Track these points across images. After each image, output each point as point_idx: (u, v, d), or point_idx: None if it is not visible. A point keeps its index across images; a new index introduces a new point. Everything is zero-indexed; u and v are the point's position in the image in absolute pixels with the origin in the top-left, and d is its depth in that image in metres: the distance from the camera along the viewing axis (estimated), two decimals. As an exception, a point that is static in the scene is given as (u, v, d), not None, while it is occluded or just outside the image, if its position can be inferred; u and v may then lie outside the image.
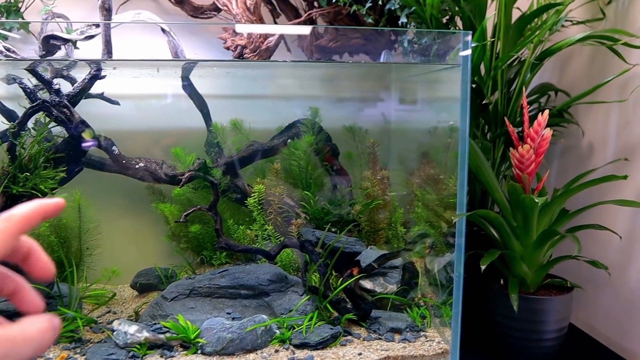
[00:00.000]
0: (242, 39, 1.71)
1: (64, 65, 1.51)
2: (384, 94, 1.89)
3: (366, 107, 1.91)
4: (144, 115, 1.79)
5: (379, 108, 1.90)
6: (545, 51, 1.49)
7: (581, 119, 1.71)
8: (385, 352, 1.40)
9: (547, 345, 1.42)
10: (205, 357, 1.36)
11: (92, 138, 1.58)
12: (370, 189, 1.67)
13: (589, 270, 1.56)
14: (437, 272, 1.56)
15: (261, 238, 1.63)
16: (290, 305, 1.50)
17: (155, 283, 1.69)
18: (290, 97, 1.91)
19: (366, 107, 1.91)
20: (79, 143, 1.44)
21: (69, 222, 1.64)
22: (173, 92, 1.76)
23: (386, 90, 1.87)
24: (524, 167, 1.36)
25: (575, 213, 1.42)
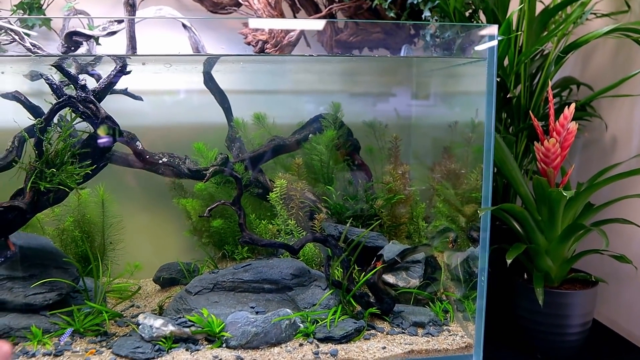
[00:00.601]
0: (263, 34, 1.72)
1: (89, 61, 1.52)
2: (405, 89, 1.88)
3: (386, 102, 1.90)
4: (165, 111, 1.79)
5: (399, 102, 1.90)
6: (572, 44, 1.48)
7: (604, 113, 1.70)
8: (409, 346, 1.40)
9: (572, 340, 1.42)
10: (230, 350, 1.37)
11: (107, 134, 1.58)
12: (392, 183, 1.67)
13: (611, 265, 1.55)
14: (460, 266, 1.56)
15: (284, 232, 1.63)
16: (313, 299, 1.51)
17: (177, 277, 1.70)
18: (311, 92, 1.91)
19: (386, 102, 1.90)
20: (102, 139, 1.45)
21: (93, 217, 1.65)
22: (194, 87, 1.77)
23: (407, 85, 1.87)
24: (550, 161, 1.35)
25: (600, 207, 1.42)
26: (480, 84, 1.47)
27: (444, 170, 1.69)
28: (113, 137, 1.47)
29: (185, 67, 1.76)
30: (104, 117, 1.41)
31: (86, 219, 1.63)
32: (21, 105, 1.53)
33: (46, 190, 1.40)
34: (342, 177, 1.71)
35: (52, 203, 1.44)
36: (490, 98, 1.32)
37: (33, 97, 1.62)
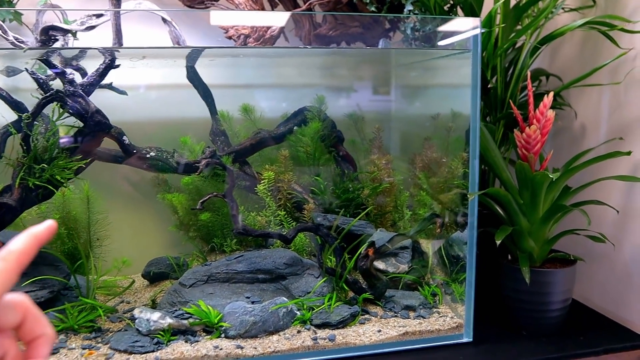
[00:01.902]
0: (245, 28, 1.73)
1: (72, 55, 1.50)
2: (384, 82, 1.93)
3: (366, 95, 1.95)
4: (148, 106, 1.78)
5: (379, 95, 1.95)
6: (547, 36, 1.56)
7: (573, 102, 1.80)
8: (403, 329, 1.45)
9: (554, 316, 1.50)
10: (230, 340, 1.39)
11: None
12: (377, 172, 1.71)
13: (584, 245, 1.64)
14: (446, 250, 1.62)
15: (274, 224, 1.65)
16: (307, 287, 1.54)
17: (167, 272, 1.70)
18: (292, 85, 1.93)
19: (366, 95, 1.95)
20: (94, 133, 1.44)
21: (78, 214, 1.63)
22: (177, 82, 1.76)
23: (386, 78, 1.92)
24: (531, 147, 1.42)
25: (577, 190, 1.50)
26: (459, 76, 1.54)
27: (425, 160, 1.75)
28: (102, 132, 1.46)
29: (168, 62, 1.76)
30: (94, 111, 1.40)
31: (71, 216, 1.60)
32: (3, 101, 1.49)
33: (35, 187, 1.37)
34: (328, 168, 1.74)
35: (41, 199, 1.42)
36: (475, 87, 1.38)
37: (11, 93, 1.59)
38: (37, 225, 0.50)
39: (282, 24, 1.80)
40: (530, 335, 1.50)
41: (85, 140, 1.43)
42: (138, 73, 1.76)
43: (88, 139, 1.43)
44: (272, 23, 1.74)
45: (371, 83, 1.94)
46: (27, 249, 0.48)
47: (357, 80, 1.93)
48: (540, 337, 1.49)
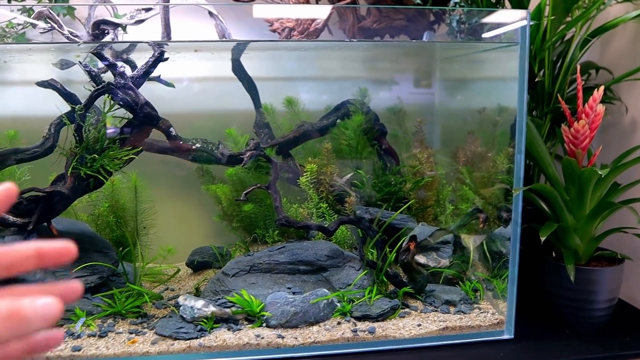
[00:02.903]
0: (290, 21, 1.74)
1: (123, 48, 1.54)
2: (428, 75, 1.92)
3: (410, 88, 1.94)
4: (194, 98, 1.82)
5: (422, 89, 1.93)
6: (599, 29, 1.52)
7: (624, 96, 1.75)
8: (443, 323, 1.44)
9: (599, 315, 1.47)
10: (271, 329, 1.41)
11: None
12: (419, 166, 1.71)
13: (632, 243, 1.60)
14: (488, 246, 1.60)
15: (316, 216, 1.67)
16: (348, 279, 1.55)
17: (210, 261, 1.74)
18: (335, 78, 1.94)
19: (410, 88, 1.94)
20: (139, 125, 1.48)
21: (126, 203, 1.68)
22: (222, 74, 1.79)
23: (431, 72, 1.90)
24: (579, 142, 1.39)
25: (627, 187, 1.46)
26: (505, 70, 1.52)
27: (469, 154, 1.73)
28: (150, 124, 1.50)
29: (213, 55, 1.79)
30: (143, 103, 1.44)
31: (120, 205, 1.65)
32: (57, 93, 1.54)
33: (85, 176, 1.42)
34: (371, 161, 1.75)
35: (92, 188, 1.47)
36: (523, 80, 1.36)
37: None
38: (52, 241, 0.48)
39: (324, 17, 1.81)
40: (574, 334, 1.47)
41: (135, 132, 1.47)
42: (185, 66, 1.80)
43: (137, 130, 1.47)
44: (316, 16, 1.75)
45: (415, 76, 1.93)
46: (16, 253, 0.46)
47: (401, 73, 1.93)
48: (584, 336, 1.46)
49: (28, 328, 0.42)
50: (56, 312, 0.43)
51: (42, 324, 0.42)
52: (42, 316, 0.42)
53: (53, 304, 0.43)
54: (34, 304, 0.42)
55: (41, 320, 0.42)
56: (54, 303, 0.43)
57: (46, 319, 0.42)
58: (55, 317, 0.43)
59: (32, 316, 0.42)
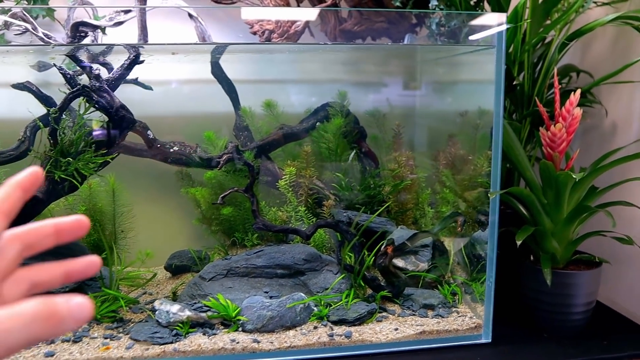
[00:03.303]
0: (270, 24, 1.74)
1: (99, 51, 1.53)
2: (410, 78, 1.91)
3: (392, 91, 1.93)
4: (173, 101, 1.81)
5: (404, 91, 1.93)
6: (576, 32, 1.52)
7: (604, 99, 1.75)
8: (421, 327, 1.44)
9: (577, 319, 1.46)
10: (247, 334, 1.40)
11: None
12: (398, 169, 1.70)
13: (611, 247, 1.60)
14: (467, 249, 1.60)
15: (294, 219, 1.66)
16: (325, 283, 1.54)
17: (189, 264, 1.72)
18: (316, 81, 1.93)
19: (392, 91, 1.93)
20: (119, 128, 1.46)
21: (104, 206, 1.66)
22: (202, 77, 1.78)
23: (411, 74, 1.90)
24: (556, 145, 1.39)
25: (604, 190, 1.46)
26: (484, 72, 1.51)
27: (449, 157, 1.73)
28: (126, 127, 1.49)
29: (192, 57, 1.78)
30: (119, 106, 1.43)
31: (97, 208, 1.64)
32: (33, 95, 1.53)
33: (61, 180, 1.41)
34: (350, 164, 1.74)
35: (67, 192, 1.46)
36: (500, 84, 1.36)
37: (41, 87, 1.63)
38: (66, 217, 0.49)
39: (312, 19, 1.80)
40: (552, 337, 1.47)
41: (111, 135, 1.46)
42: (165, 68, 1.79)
43: (113, 133, 1.46)
44: (302, 18, 1.74)
45: (396, 79, 1.92)
46: (38, 231, 0.48)
47: (382, 76, 1.92)
48: (561, 340, 1.46)
49: (62, 328, 0.42)
50: (89, 312, 0.43)
51: (74, 325, 0.42)
52: (76, 317, 0.42)
53: (86, 304, 0.43)
54: (68, 305, 0.42)
55: (74, 321, 0.42)
56: (87, 303, 0.43)
57: (79, 319, 0.42)
58: (88, 317, 0.43)
59: (66, 317, 0.42)
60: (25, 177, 0.49)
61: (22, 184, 0.49)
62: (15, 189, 0.48)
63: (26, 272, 0.48)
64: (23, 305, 0.40)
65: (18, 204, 0.48)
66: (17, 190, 0.48)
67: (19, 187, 0.48)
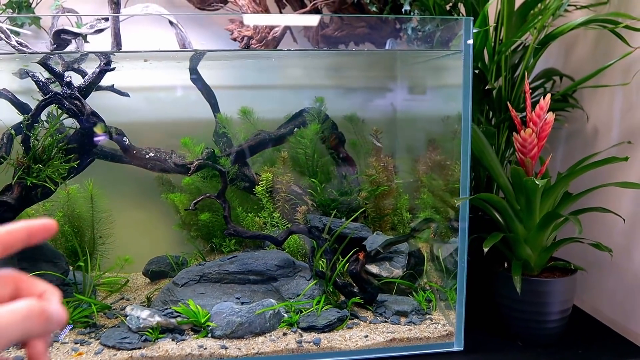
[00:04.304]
0: (248, 30, 1.74)
1: (74, 58, 1.55)
2: (390, 83, 1.90)
3: (372, 96, 1.93)
4: (153, 107, 1.82)
5: (385, 96, 1.92)
6: (547, 35, 1.50)
7: (586, 104, 1.72)
8: (391, 335, 1.43)
9: (552, 327, 1.44)
10: (215, 340, 1.40)
11: (104, 132, 1.63)
12: (376, 175, 1.69)
13: (594, 253, 1.57)
14: (442, 256, 1.58)
15: (270, 225, 1.66)
16: (298, 289, 1.53)
17: (166, 270, 1.73)
18: (298, 87, 1.93)
19: (372, 96, 1.93)
20: (90, 135, 1.48)
21: (82, 212, 1.68)
22: (181, 83, 1.79)
23: (392, 79, 1.89)
24: (527, 151, 1.37)
25: (578, 196, 1.44)
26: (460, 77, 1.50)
27: (428, 163, 1.71)
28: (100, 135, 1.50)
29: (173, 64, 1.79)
30: (89, 113, 1.44)
31: (75, 214, 1.65)
32: (9, 102, 1.56)
33: (33, 185, 1.43)
34: (327, 170, 1.74)
35: (40, 198, 1.47)
36: (467, 88, 1.34)
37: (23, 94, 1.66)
38: (36, 220, 0.51)
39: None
40: (526, 345, 1.45)
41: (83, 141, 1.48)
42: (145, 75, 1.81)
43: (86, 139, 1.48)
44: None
45: (376, 84, 1.91)
46: (14, 233, 0.49)
47: (362, 81, 1.91)
48: (536, 348, 1.43)
49: (49, 327, 0.47)
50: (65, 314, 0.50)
51: (57, 326, 0.48)
52: (58, 317, 0.48)
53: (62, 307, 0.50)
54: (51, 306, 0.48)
55: (57, 322, 0.48)
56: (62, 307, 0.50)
57: (60, 321, 0.49)
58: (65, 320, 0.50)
59: (53, 316, 0.48)
60: (37, 224, 0.51)
61: (31, 229, 0.51)
62: (23, 230, 0.50)
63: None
64: (19, 303, 0.45)
65: (19, 244, 0.50)
66: (24, 232, 0.50)
67: (27, 230, 0.51)
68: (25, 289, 0.51)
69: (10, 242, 0.49)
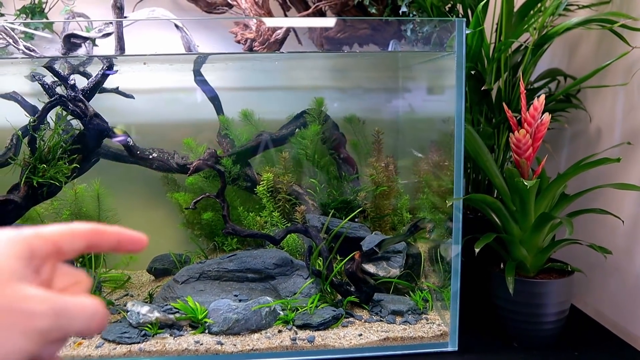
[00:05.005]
0: (250, 33, 1.77)
1: (81, 61, 1.60)
2: (391, 84, 1.91)
3: (374, 97, 1.94)
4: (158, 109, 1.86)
5: (387, 97, 1.93)
6: (545, 35, 1.50)
7: (589, 104, 1.71)
8: (385, 334, 1.44)
9: (548, 328, 1.43)
10: (212, 336, 1.43)
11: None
12: (375, 175, 1.70)
13: (596, 256, 1.55)
14: (439, 256, 1.58)
15: (270, 224, 1.68)
16: (295, 288, 1.56)
17: (170, 268, 1.77)
18: (301, 88, 1.95)
19: (374, 97, 1.94)
20: (94, 135, 1.52)
21: (89, 211, 1.73)
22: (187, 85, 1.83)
23: (393, 80, 1.90)
24: (522, 152, 1.37)
25: (574, 197, 1.43)
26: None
27: (428, 164, 1.72)
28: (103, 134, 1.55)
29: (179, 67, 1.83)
30: (92, 114, 1.49)
31: (82, 212, 1.70)
32: (19, 105, 1.61)
33: (39, 185, 1.48)
34: (327, 170, 1.75)
35: (45, 197, 1.53)
36: (460, 89, 1.35)
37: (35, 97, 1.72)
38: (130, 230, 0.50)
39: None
40: (521, 347, 1.44)
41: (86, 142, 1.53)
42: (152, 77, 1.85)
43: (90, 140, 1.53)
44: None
45: (378, 85, 1.92)
46: (105, 235, 0.48)
47: (364, 82, 1.93)
48: (531, 350, 1.43)
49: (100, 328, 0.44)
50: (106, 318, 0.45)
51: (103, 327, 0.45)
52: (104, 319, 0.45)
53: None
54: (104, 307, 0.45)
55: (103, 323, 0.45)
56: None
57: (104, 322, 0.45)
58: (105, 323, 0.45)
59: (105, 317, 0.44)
60: (130, 235, 0.50)
61: (122, 237, 0.49)
62: (115, 235, 0.49)
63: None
64: (87, 299, 0.43)
65: (105, 247, 0.49)
66: (115, 237, 0.49)
67: (119, 236, 0.49)
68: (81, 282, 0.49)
69: (98, 242, 0.48)
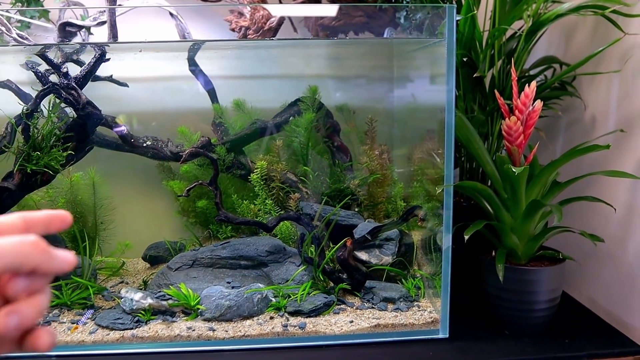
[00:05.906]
0: (245, 20, 1.77)
1: (74, 50, 1.60)
2: (386, 72, 1.90)
3: (369, 85, 1.93)
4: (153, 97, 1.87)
5: (381, 85, 1.93)
6: (537, 22, 1.48)
7: (584, 92, 1.69)
8: (376, 321, 1.44)
9: (538, 316, 1.43)
10: (204, 322, 1.44)
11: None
12: (368, 163, 1.70)
13: (591, 244, 1.55)
14: (431, 243, 1.59)
15: (263, 212, 1.69)
16: (287, 275, 1.56)
17: (164, 255, 1.78)
18: (296, 76, 1.95)
19: (369, 85, 1.93)
20: (87, 123, 1.53)
21: (85, 199, 1.74)
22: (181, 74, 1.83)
23: (388, 68, 1.89)
24: (513, 139, 1.36)
25: (565, 184, 1.42)
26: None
27: (422, 152, 1.72)
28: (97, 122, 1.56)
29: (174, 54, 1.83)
30: (85, 102, 1.49)
31: (77, 200, 1.72)
32: (13, 93, 1.62)
33: (33, 173, 1.49)
34: (320, 158, 1.75)
35: (40, 184, 1.54)
36: (451, 76, 1.34)
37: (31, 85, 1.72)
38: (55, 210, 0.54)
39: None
40: (513, 334, 1.44)
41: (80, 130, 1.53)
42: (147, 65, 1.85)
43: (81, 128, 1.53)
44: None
45: (373, 73, 1.92)
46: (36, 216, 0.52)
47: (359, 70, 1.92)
48: (522, 337, 1.43)
49: (50, 261, 0.48)
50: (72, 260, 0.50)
51: (61, 265, 0.49)
52: (61, 258, 0.49)
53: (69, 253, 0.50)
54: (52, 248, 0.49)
55: (61, 261, 0.49)
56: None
57: (65, 262, 0.50)
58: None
59: (52, 252, 0.48)
60: (55, 214, 0.54)
61: (50, 217, 0.53)
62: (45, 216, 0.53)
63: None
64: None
65: (39, 228, 0.52)
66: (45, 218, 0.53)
67: (48, 217, 0.53)
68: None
69: (31, 225, 0.51)
